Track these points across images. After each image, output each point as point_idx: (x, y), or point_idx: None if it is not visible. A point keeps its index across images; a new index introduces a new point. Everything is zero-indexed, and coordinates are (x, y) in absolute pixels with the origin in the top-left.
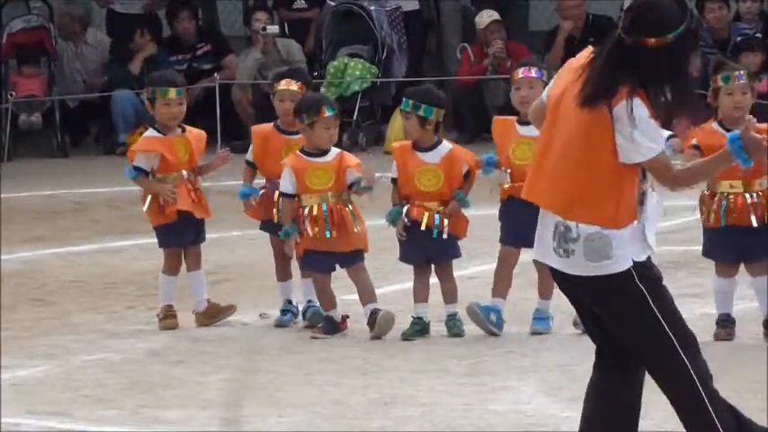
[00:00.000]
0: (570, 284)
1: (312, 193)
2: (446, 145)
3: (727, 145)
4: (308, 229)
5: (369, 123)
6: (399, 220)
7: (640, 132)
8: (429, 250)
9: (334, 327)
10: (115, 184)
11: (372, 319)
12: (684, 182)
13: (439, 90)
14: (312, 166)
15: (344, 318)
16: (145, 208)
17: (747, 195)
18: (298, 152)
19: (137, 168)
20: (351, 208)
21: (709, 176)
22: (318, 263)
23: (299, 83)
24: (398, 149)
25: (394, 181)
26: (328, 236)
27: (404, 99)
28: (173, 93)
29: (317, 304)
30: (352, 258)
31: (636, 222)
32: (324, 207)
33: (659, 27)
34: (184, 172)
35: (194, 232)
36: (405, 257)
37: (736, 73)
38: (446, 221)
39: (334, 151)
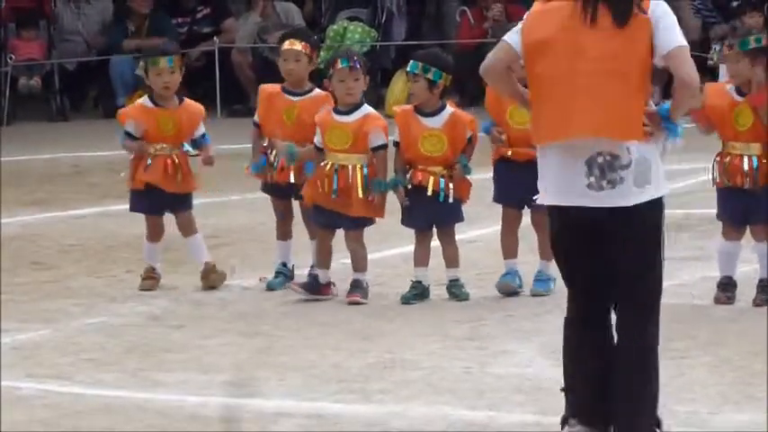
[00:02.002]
0: (598, 222)
1: (330, 150)
2: (448, 109)
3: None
4: (318, 183)
5: (369, 87)
6: (399, 188)
7: (676, 23)
8: (433, 214)
9: (315, 287)
10: (115, 147)
11: (353, 287)
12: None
13: (447, 55)
14: (333, 123)
15: (329, 283)
16: (122, 174)
17: (746, 158)
18: (330, 108)
19: (127, 133)
20: (366, 172)
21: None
22: (323, 218)
23: (302, 42)
24: (401, 114)
25: (396, 144)
26: (334, 197)
27: (412, 61)
28: (163, 62)
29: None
30: (353, 224)
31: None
32: (336, 167)
33: None
34: (165, 145)
35: (168, 202)
36: (407, 222)
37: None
38: (451, 185)
39: (362, 111)
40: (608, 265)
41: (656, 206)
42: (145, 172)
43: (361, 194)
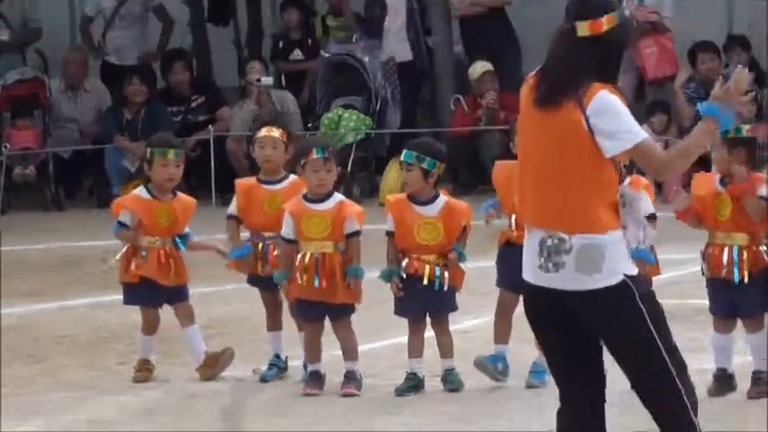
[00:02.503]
0: (555, 302)
1: (308, 240)
2: (442, 197)
3: (703, 113)
4: (298, 276)
5: (363, 175)
6: (394, 278)
7: (621, 121)
8: (427, 303)
9: (322, 381)
10: (110, 237)
11: (347, 379)
12: (673, 163)
13: (440, 143)
14: (309, 212)
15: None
16: (117, 257)
17: (727, 249)
18: (300, 197)
19: (120, 223)
20: (344, 259)
21: (694, 150)
22: (307, 312)
23: (279, 130)
24: (394, 203)
25: (389, 234)
26: (316, 285)
27: (406, 151)
28: (171, 154)
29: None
30: (340, 312)
31: (620, 229)
32: (317, 256)
33: (607, 8)
34: (158, 238)
35: (164, 295)
36: (401, 311)
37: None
38: (446, 274)
39: (335, 198)
40: (580, 342)
41: (610, 295)
42: (139, 266)
43: (343, 281)
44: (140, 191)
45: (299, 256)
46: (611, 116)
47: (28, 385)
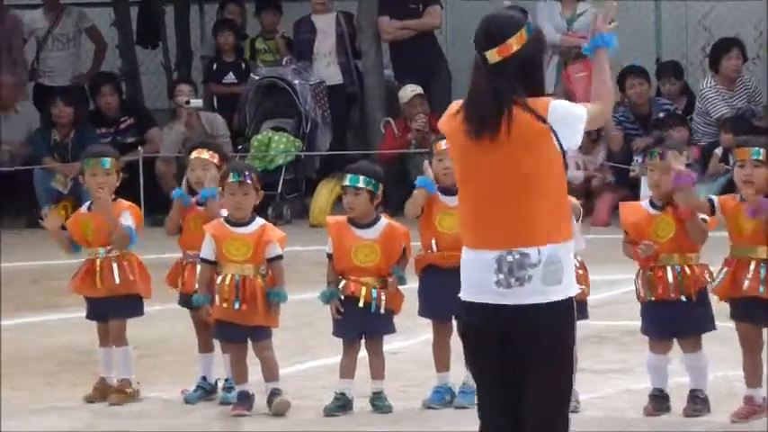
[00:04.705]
0: (505, 321)
1: (229, 262)
2: (384, 220)
3: (589, 49)
4: (218, 298)
5: (293, 196)
6: (334, 300)
7: (575, 112)
8: (365, 325)
9: (251, 401)
10: (38, 258)
11: (271, 399)
12: (611, 98)
13: (377, 166)
14: (231, 235)
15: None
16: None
17: (669, 269)
18: (221, 219)
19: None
20: (265, 282)
21: (608, 78)
22: (228, 334)
23: (210, 152)
24: (334, 225)
25: (329, 256)
26: (237, 308)
27: (351, 175)
28: (100, 163)
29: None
30: (260, 334)
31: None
32: (237, 278)
33: (512, 30)
34: (93, 249)
35: (97, 309)
36: (338, 332)
37: (657, 152)
38: (383, 296)
39: (258, 222)
40: (515, 370)
41: (567, 307)
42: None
43: (263, 303)
44: (83, 208)
45: (220, 278)
46: (569, 115)
47: None
